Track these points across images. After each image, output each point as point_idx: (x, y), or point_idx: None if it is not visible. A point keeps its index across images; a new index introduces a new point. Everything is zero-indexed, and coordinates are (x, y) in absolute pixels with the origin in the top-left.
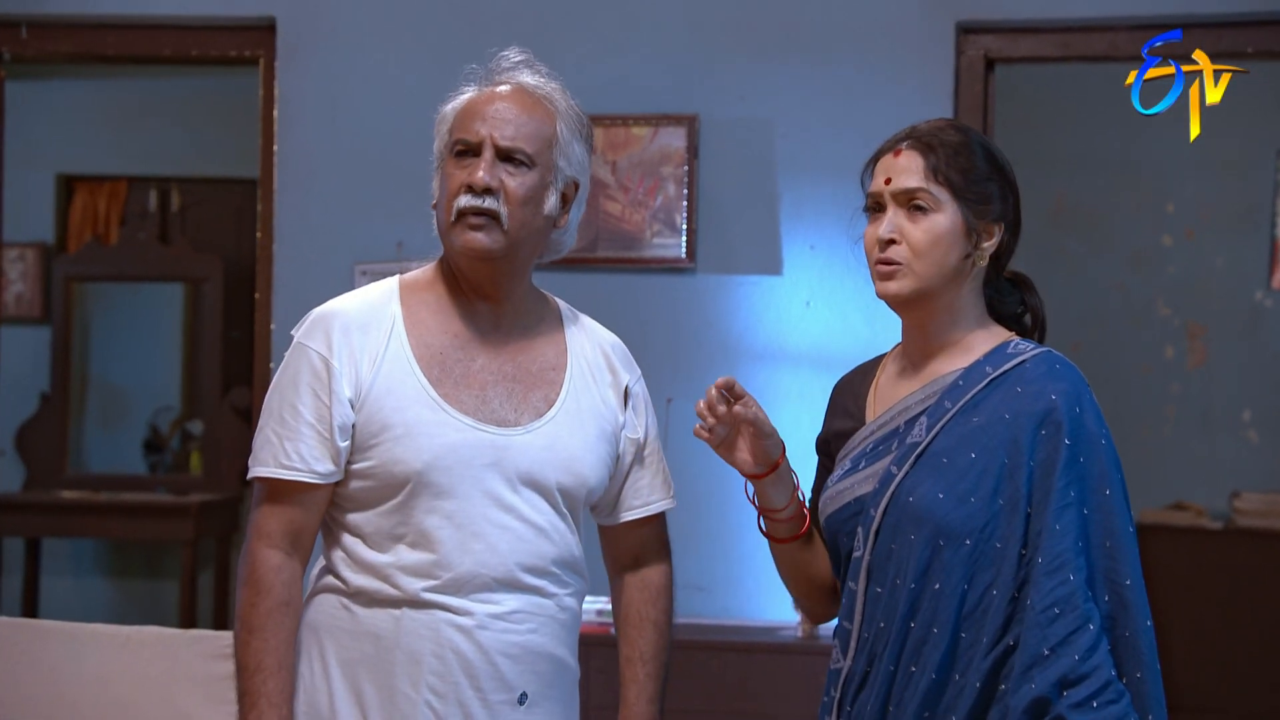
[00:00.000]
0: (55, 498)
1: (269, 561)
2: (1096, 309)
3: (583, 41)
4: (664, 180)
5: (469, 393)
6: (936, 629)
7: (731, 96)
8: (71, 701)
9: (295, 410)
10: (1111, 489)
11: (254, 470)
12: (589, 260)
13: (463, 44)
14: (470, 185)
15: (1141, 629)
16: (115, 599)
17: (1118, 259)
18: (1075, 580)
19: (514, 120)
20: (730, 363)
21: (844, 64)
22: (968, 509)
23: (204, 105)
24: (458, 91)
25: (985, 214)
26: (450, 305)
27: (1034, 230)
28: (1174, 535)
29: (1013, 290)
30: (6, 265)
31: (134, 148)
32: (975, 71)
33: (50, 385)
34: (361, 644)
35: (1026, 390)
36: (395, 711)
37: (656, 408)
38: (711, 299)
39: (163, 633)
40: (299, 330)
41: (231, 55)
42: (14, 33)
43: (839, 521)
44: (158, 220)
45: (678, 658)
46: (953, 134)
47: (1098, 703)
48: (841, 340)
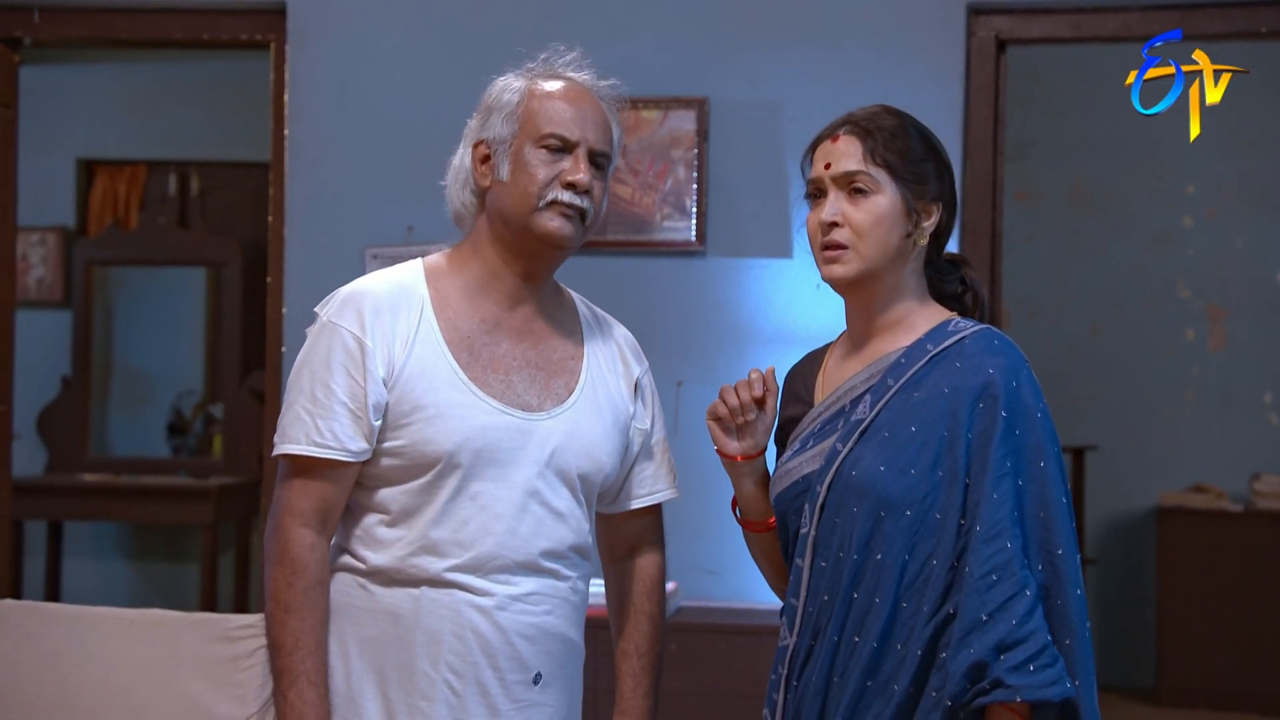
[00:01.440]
0: (76, 481)
1: (303, 540)
2: (1115, 291)
3: (592, 24)
4: (674, 163)
5: (496, 377)
6: (879, 599)
7: (741, 79)
8: (76, 684)
9: (328, 388)
10: (1046, 461)
11: (283, 448)
12: (599, 243)
13: (472, 28)
14: (574, 184)
15: (1072, 597)
16: (136, 582)
17: (1137, 241)
18: (1012, 548)
19: (601, 125)
20: (740, 346)
21: (854, 46)
22: (908, 481)
23: (223, 89)
24: (518, 76)
25: (923, 194)
26: (478, 290)
27: (1053, 212)
28: (1194, 518)
29: (953, 270)
30: (28, 249)
31: (154, 132)
32: (986, 53)
33: (71, 369)
34: (380, 623)
35: (965, 365)
36: (414, 690)
37: (666, 391)
38: (721, 282)
39: (166, 615)
40: (327, 309)
41: (242, 39)
42: (27, 17)
43: (787, 500)
44: (177, 204)
45: (688, 640)
46: (888, 118)
47: (1034, 666)
48: None
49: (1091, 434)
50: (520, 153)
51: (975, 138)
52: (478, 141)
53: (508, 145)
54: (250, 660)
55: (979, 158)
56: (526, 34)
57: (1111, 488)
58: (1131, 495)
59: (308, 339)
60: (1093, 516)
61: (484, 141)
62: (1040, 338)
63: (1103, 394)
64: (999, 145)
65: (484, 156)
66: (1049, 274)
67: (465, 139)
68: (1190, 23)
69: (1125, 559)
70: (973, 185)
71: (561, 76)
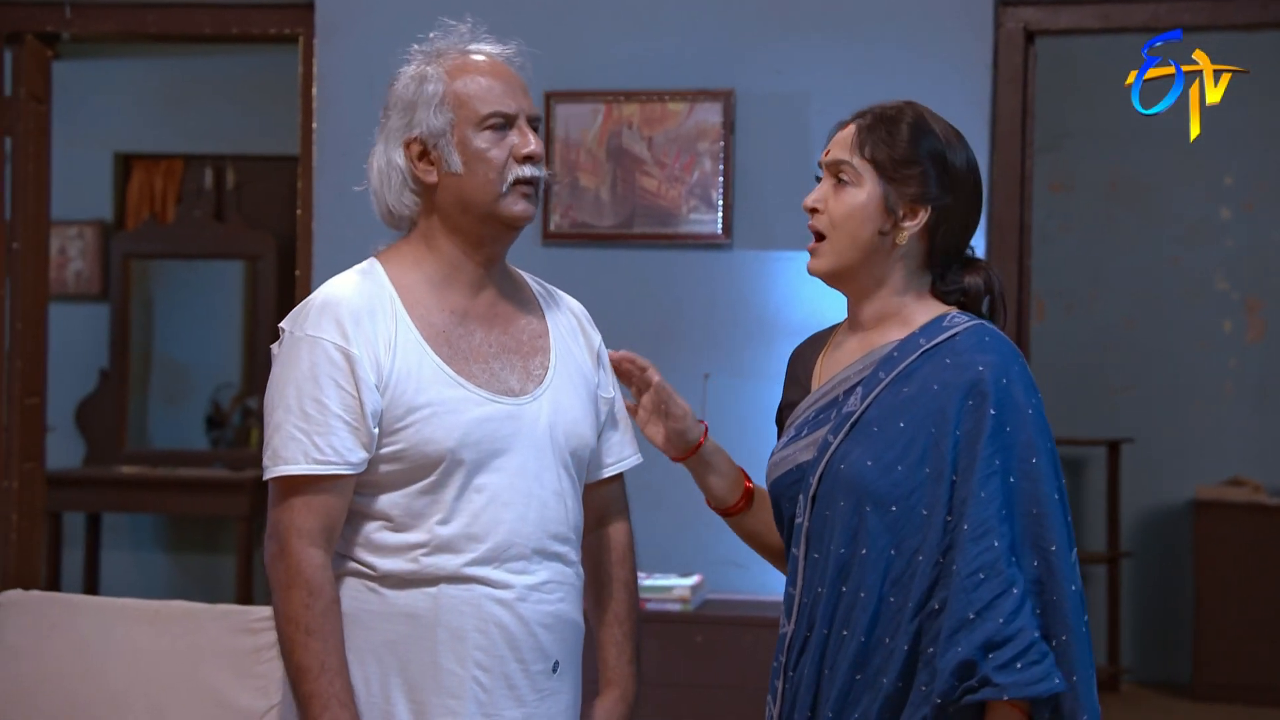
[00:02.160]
0: (114, 473)
1: (314, 560)
2: (1152, 284)
3: (619, 18)
4: (700, 156)
5: (478, 366)
6: (864, 593)
7: (767, 71)
8: (101, 673)
9: (319, 404)
10: (1038, 457)
11: (279, 470)
12: (625, 236)
13: (499, 22)
14: (531, 156)
15: (1067, 593)
16: (174, 573)
17: (1174, 232)
18: (999, 546)
19: (525, 89)
20: (766, 338)
21: (881, 37)
22: (894, 476)
23: (258, 83)
24: (425, 64)
25: (908, 194)
26: (441, 282)
27: (1088, 204)
28: (1231, 511)
29: (959, 273)
30: (66, 243)
31: (190, 126)
32: (1015, 44)
33: (109, 362)
34: (396, 625)
35: (955, 362)
36: (441, 689)
37: (694, 383)
38: (748, 274)
39: (190, 607)
40: (300, 323)
41: (271, 33)
42: (58, 12)
43: (782, 488)
44: (213, 198)
45: (713, 633)
46: (895, 113)
47: (1021, 663)
48: None
49: (1128, 427)
50: (466, 141)
51: (1003, 130)
52: (409, 140)
53: (448, 136)
54: (272, 652)
55: (1007, 150)
56: (552, 27)
57: (1147, 481)
58: (1168, 488)
59: (281, 356)
60: (1128, 510)
61: (416, 138)
62: (1076, 330)
63: (1139, 386)
64: (1027, 137)
65: (420, 153)
66: (1084, 266)
67: (387, 139)
68: (1220, 13)
69: (1161, 553)
70: (1000, 178)
71: (469, 53)
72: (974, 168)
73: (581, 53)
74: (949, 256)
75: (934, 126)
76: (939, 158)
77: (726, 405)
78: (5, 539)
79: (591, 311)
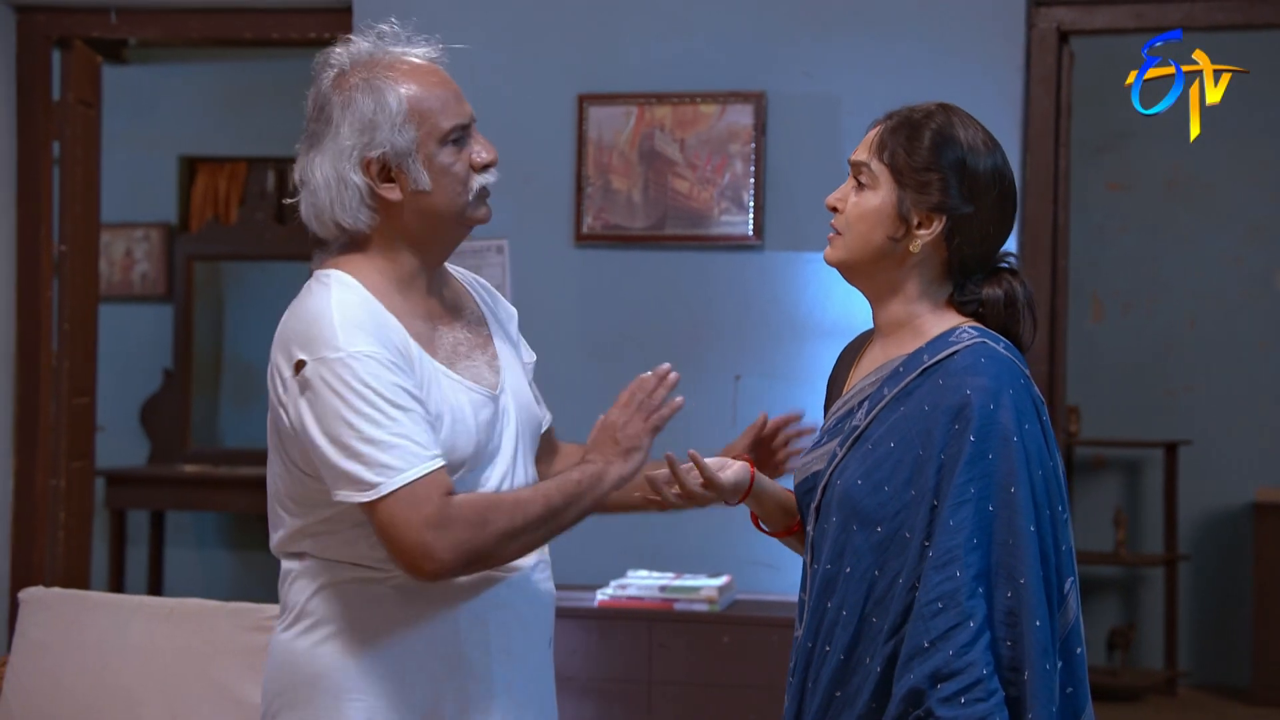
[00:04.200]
0: (177, 472)
1: (455, 516)
2: (1212, 283)
3: (650, 20)
4: (731, 158)
5: (464, 365)
6: (845, 611)
7: (799, 73)
8: (117, 670)
9: (402, 409)
10: (1018, 487)
11: (401, 479)
12: (657, 238)
13: (532, 26)
14: (490, 164)
15: (1031, 629)
16: (236, 571)
17: (1234, 232)
18: (961, 577)
19: (462, 92)
20: (798, 340)
21: (912, 39)
22: (881, 496)
23: None
24: (370, 79)
25: (923, 202)
26: (406, 288)
27: (1147, 203)
28: None
29: (978, 285)
30: (132, 245)
31: (253, 129)
32: (1047, 45)
33: (173, 361)
34: (416, 623)
35: (947, 383)
36: (472, 677)
37: (725, 384)
38: (779, 276)
39: (203, 605)
40: (328, 346)
41: (310, 38)
42: (104, 18)
43: (800, 494)
44: (275, 200)
45: (743, 633)
46: (920, 118)
47: (965, 699)
48: None
49: (1187, 428)
50: (431, 157)
51: (1036, 130)
52: (368, 159)
53: (413, 155)
54: None
55: (1039, 151)
56: (585, 31)
57: (1207, 483)
58: (1227, 491)
59: (324, 382)
60: (1187, 512)
61: (376, 157)
62: (1134, 331)
63: (1198, 387)
64: (1061, 138)
65: (381, 171)
66: (1143, 266)
67: (336, 155)
68: (1255, 11)
69: (1220, 556)
70: (1033, 179)
71: (408, 59)
72: (1000, 175)
73: (614, 56)
74: (969, 266)
75: (958, 134)
76: (959, 166)
77: (757, 406)
78: (53, 537)
79: (623, 313)
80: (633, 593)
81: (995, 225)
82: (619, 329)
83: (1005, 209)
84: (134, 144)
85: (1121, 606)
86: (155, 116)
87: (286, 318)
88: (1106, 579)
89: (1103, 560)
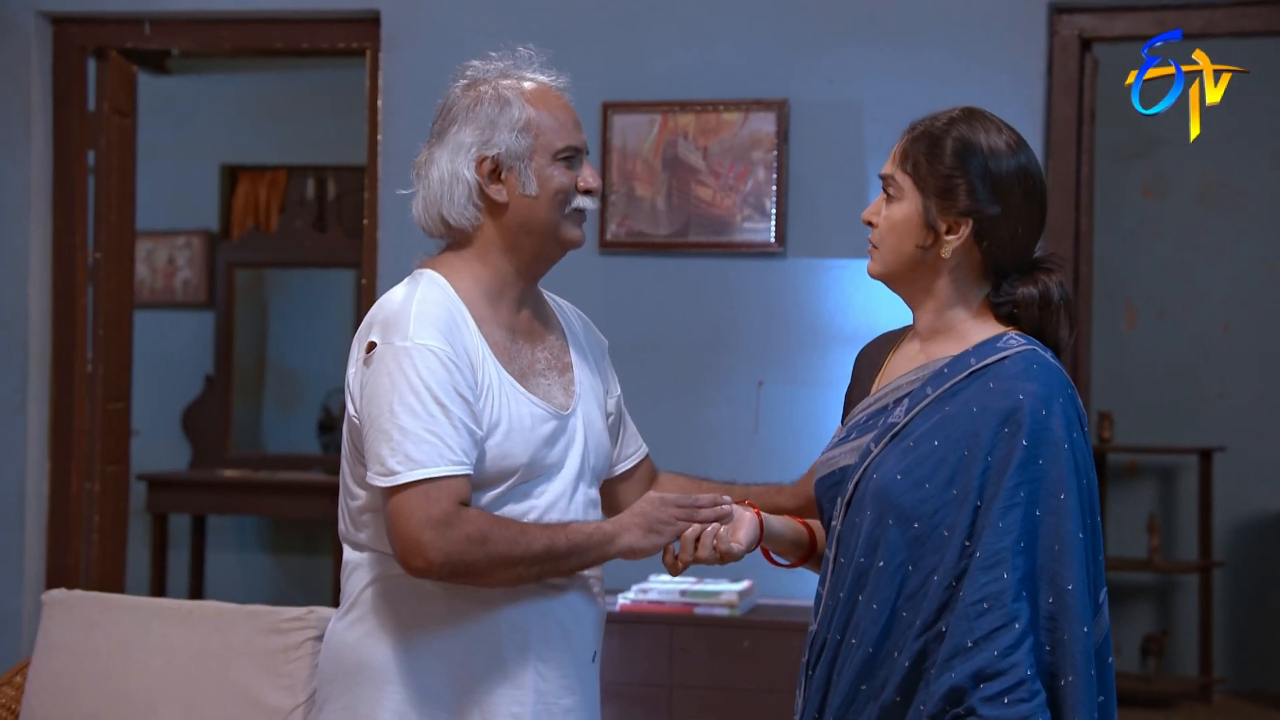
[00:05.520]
0: (218, 476)
1: (446, 532)
2: (1246, 289)
3: (673, 28)
4: (754, 165)
5: (536, 381)
6: (876, 605)
7: (821, 81)
8: (138, 671)
9: (444, 408)
10: (1068, 494)
11: (417, 473)
12: (680, 245)
13: (559, 33)
14: (591, 190)
15: (1078, 635)
16: (276, 574)
17: (1268, 237)
18: (1008, 579)
19: (581, 124)
20: (820, 346)
21: (933, 46)
22: (921, 493)
23: (359, 96)
24: (499, 85)
25: (948, 209)
26: (495, 298)
27: (1182, 209)
28: None
29: (1012, 286)
30: (174, 252)
31: (293, 138)
32: (1069, 51)
33: (214, 367)
34: (461, 622)
35: (998, 387)
36: (506, 679)
37: (747, 391)
38: (801, 283)
39: (221, 607)
40: (398, 333)
41: (340, 47)
42: (138, 28)
43: (824, 488)
44: (315, 208)
45: (764, 638)
46: (942, 126)
47: (1009, 699)
48: None
49: (1221, 435)
50: (542, 167)
51: (1057, 137)
52: (482, 157)
53: (527, 161)
54: (299, 651)
55: (1061, 157)
56: (609, 40)
57: (1241, 489)
58: (1262, 497)
59: (384, 366)
60: (1221, 519)
61: (491, 157)
62: (1168, 337)
63: (1232, 394)
64: (1083, 144)
65: (492, 171)
66: (1177, 272)
67: (454, 151)
68: (1274, 17)
69: (1256, 562)
70: (1054, 185)
71: (537, 81)
72: (1026, 174)
73: (637, 65)
74: (1004, 267)
75: (978, 138)
76: (981, 169)
77: (780, 412)
78: (88, 540)
79: (646, 319)
80: (654, 597)
81: (1024, 225)
82: (642, 336)
83: (1032, 207)
84: (176, 153)
85: (1155, 613)
86: (197, 126)
87: (374, 308)
88: (1140, 585)
89: (1137, 567)
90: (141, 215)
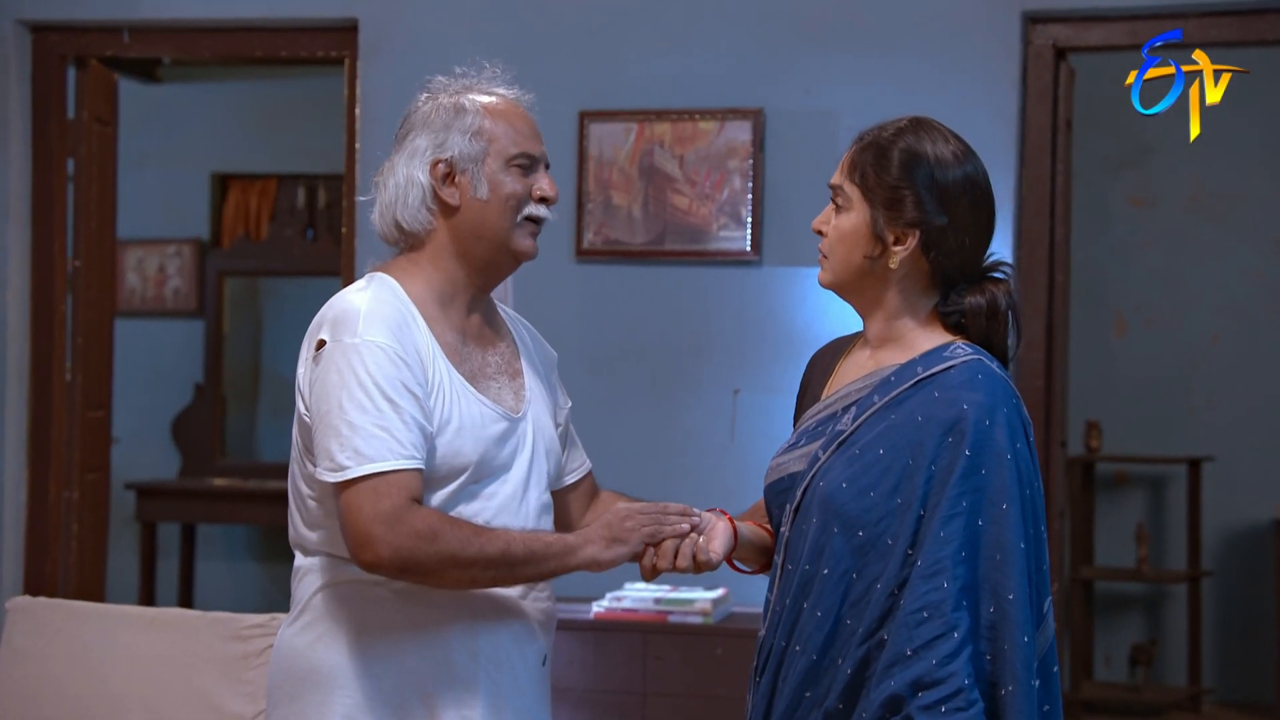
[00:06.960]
0: (207, 485)
1: (395, 529)
2: (1235, 298)
3: (649, 37)
4: (730, 174)
5: (486, 384)
6: (820, 612)
7: (797, 90)
8: (101, 678)
9: (393, 404)
10: (1010, 504)
11: (367, 468)
12: (656, 253)
13: (536, 42)
14: (547, 198)
15: (1019, 644)
16: (265, 583)
17: (1257, 247)
18: (949, 588)
19: (541, 136)
20: (796, 355)
21: (909, 55)
22: (866, 501)
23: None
24: (455, 93)
25: (896, 220)
26: (446, 301)
27: (1170, 219)
28: None
29: (959, 296)
30: (165, 261)
31: (283, 146)
32: (1044, 61)
33: (204, 376)
34: (410, 625)
35: (943, 396)
36: (455, 682)
37: (724, 399)
38: (777, 291)
39: (184, 614)
40: (348, 331)
41: (318, 56)
42: (117, 37)
43: (773, 494)
44: (305, 216)
45: (736, 646)
46: (889, 137)
47: (945, 708)
48: None
49: (1210, 444)
50: (494, 172)
51: (1032, 146)
52: (436, 160)
53: (479, 165)
54: (260, 659)
55: (1036, 165)
56: (586, 49)
57: (1230, 499)
58: (1251, 507)
59: (333, 363)
60: (1210, 528)
61: (445, 160)
62: (1157, 346)
63: (1221, 403)
64: (1058, 153)
65: (445, 174)
66: (1166, 281)
67: (410, 156)
68: (1250, 28)
69: (1243, 572)
70: (1029, 195)
71: (497, 93)
72: (974, 183)
73: (614, 73)
74: (952, 276)
75: (924, 148)
76: (928, 180)
77: (756, 421)
78: (66, 547)
79: (622, 328)
80: (628, 605)
81: (972, 235)
82: (619, 344)
83: (980, 217)
84: (167, 161)
85: (1144, 623)
86: (188, 134)
87: (324, 307)
88: (1129, 595)
89: (1125, 576)
90: (132, 223)
